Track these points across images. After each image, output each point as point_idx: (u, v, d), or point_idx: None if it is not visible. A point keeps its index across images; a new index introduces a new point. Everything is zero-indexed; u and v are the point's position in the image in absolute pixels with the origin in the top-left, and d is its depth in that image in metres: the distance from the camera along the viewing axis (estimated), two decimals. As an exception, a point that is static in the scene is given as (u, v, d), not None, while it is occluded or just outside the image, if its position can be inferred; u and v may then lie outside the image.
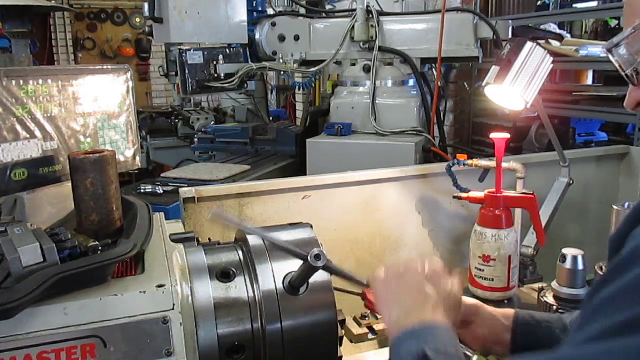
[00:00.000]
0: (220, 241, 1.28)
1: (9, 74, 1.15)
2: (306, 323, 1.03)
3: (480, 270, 1.58)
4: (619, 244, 0.61)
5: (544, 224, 1.74)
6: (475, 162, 1.81)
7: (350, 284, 1.06)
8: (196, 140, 4.30)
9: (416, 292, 0.92)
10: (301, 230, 1.18)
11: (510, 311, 1.09)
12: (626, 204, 1.42)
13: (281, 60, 3.14)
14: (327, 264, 0.97)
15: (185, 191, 1.68)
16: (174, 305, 0.90)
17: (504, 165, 1.66)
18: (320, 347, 1.06)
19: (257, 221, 1.76)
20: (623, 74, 0.77)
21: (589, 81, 4.47)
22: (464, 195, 1.70)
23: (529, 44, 1.57)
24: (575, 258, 1.41)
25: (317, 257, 0.94)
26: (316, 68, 3.08)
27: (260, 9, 3.51)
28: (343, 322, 1.59)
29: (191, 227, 1.66)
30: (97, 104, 1.33)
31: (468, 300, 1.10)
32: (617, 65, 0.77)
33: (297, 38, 3.19)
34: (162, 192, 2.70)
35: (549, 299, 1.46)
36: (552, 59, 1.61)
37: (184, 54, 2.84)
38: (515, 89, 1.54)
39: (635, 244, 0.58)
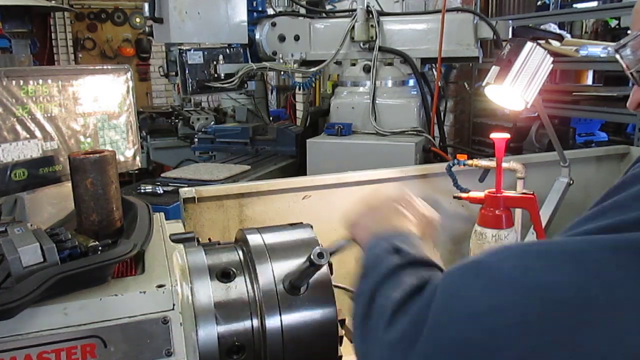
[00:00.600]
0: (220, 241, 1.28)
1: (9, 74, 1.15)
2: (306, 323, 1.03)
3: (480, 270, 1.58)
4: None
5: (544, 224, 1.74)
6: (475, 162, 1.81)
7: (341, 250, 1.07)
8: (196, 140, 4.29)
9: (392, 218, 0.97)
10: (301, 230, 1.18)
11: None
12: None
13: (281, 60, 3.14)
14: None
15: (185, 191, 1.68)
16: (174, 305, 0.90)
17: (504, 165, 1.66)
18: (320, 347, 1.06)
19: (257, 221, 1.76)
20: (628, 73, 0.79)
21: (589, 81, 4.47)
22: (464, 195, 1.70)
23: (529, 44, 1.56)
24: (575, 258, 1.41)
25: (320, 255, 0.94)
26: (316, 68, 3.08)
27: (260, 9, 3.51)
28: (343, 321, 1.59)
29: (191, 227, 1.66)
30: (97, 104, 1.33)
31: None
32: (623, 65, 0.81)
33: (297, 38, 3.19)
34: (162, 192, 2.70)
35: (549, 299, 1.45)
36: (552, 59, 1.61)
37: (184, 54, 2.84)
38: (515, 89, 1.53)
39: (635, 171, 0.61)
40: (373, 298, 0.71)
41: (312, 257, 0.94)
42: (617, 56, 0.80)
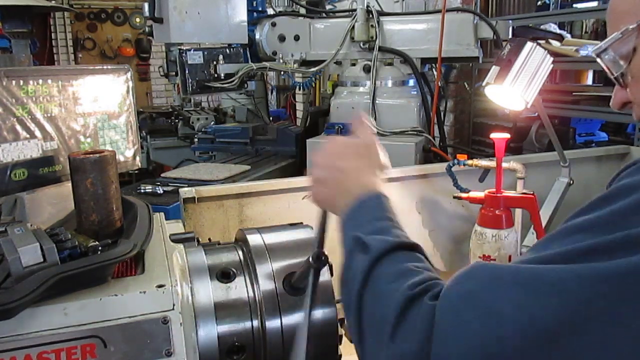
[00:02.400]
0: (220, 241, 1.28)
1: (9, 74, 1.15)
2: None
3: (480, 270, 1.58)
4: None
5: (544, 224, 1.74)
6: (475, 162, 1.81)
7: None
8: (196, 140, 4.29)
9: (350, 168, 0.94)
10: (301, 231, 1.18)
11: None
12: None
13: (281, 60, 3.14)
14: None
15: (185, 191, 1.68)
16: (174, 305, 0.90)
17: (504, 165, 1.66)
18: (320, 346, 1.06)
19: (257, 221, 1.76)
20: (611, 76, 0.80)
21: (589, 81, 4.47)
22: (464, 195, 1.70)
23: (529, 44, 1.56)
24: (575, 258, 1.40)
25: (318, 258, 0.94)
26: (316, 68, 3.07)
27: (260, 9, 3.51)
28: (342, 320, 1.60)
29: (191, 227, 1.66)
30: (97, 104, 1.33)
31: None
32: (605, 68, 0.81)
33: (297, 38, 3.19)
34: (162, 192, 2.69)
35: (549, 299, 1.45)
36: (552, 59, 1.61)
37: (184, 54, 2.84)
38: (515, 89, 1.54)
39: (622, 182, 0.63)
40: (360, 310, 0.73)
41: (310, 259, 0.94)
42: (599, 60, 0.80)
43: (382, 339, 0.67)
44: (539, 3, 5.30)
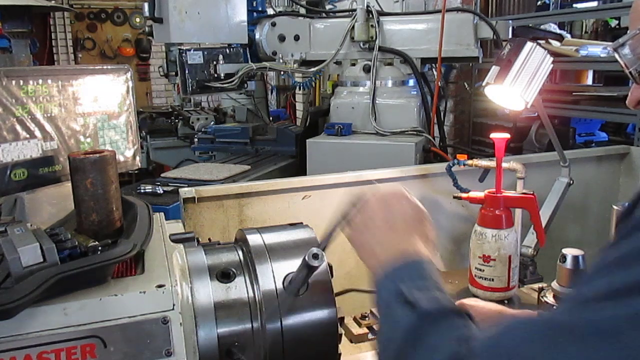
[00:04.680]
0: (220, 241, 1.28)
1: (9, 74, 1.15)
2: (306, 323, 1.03)
3: (480, 270, 1.58)
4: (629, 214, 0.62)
5: (544, 224, 1.74)
6: (475, 162, 1.81)
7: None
8: (196, 140, 4.30)
9: (396, 234, 0.90)
10: (301, 230, 1.18)
11: (533, 314, 1.06)
12: (626, 204, 1.42)
13: (281, 60, 3.14)
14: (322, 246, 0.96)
15: (185, 191, 1.68)
16: (173, 305, 0.90)
17: (504, 165, 1.66)
18: (320, 346, 1.05)
19: (257, 221, 1.76)
20: (627, 72, 0.80)
21: (589, 81, 4.47)
22: (464, 195, 1.70)
23: (529, 44, 1.56)
24: (575, 258, 1.41)
25: (315, 256, 0.94)
26: (316, 68, 3.08)
27: (260, 9, 3.51)
28: (342, 319, 1.60)
29: (191, 227, 1.66)
30: (97, 104, 1.33)
31: (494, 307, 1.07)
32: (622, 63, 0.81)
33: (297, 38, 3.19)
34: (162, 192, 2.70)
35: (549, 299, 1.46)
36: (552, 59, 1.61)
37: (184, 54, 2.84)
38: (515, 89, 1.53)
39: None
40: None
41: (307, 259, 0.94)
42: (616, 55, 0.81)
43: None
44: (539, 3, 5.30)
